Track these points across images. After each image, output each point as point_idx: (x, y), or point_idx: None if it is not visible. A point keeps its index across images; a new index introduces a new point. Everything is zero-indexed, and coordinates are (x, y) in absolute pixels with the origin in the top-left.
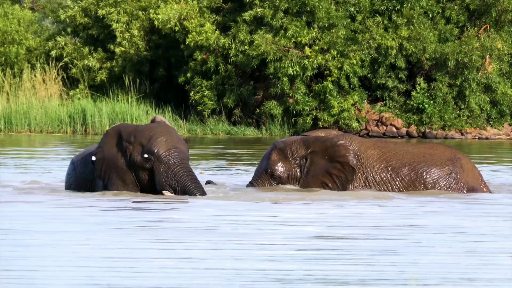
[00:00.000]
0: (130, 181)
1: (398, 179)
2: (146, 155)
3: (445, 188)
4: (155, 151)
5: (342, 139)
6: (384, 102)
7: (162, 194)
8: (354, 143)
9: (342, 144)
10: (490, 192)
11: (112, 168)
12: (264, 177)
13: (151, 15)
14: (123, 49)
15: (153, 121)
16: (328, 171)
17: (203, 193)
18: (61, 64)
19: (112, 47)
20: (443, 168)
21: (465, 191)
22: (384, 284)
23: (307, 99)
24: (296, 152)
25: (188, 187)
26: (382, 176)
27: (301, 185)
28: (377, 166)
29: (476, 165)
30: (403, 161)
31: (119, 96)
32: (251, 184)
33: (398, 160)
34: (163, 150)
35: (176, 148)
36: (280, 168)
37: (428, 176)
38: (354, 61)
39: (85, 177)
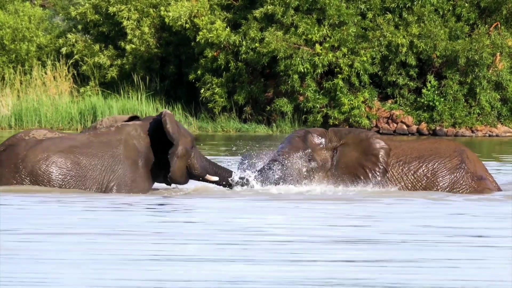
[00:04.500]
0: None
1: (409, 173)
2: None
3: (457, 179)
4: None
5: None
6: (395, 99)
7: (205, 180)
8: None
9: (377, 136)
10: (496, 183)
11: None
12: (300, 157)
13: (162, 12)
14: (133, 46)
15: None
16: (361, 163)
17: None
18: (71, 61)
19: (122, 44)
20: (452, 160)
21: (475, 180)
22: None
23: (317, 96)
24: (330, 143)
25: (222, 174)
26: (393, 171)
27: (332, 176)
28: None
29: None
30: (412, 156)
31: (130, 93)
32: (280, 163)
33: (407, 156)
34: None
35: None
36: (322, 154)
37: (439, 168)
38: (365, 58)
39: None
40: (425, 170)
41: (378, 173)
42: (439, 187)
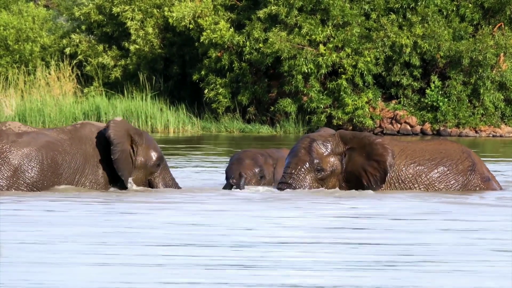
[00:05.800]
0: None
1: (423, 175)
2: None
3: (469, 180)
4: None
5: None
6: (399, 100)
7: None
8: None
9: (380, 142)
10: (498, 183)
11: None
12: (309, 170)
13: (166, 13)
14: (137, 46)
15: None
16: (364, 168)
17: None
18: (75, 61)
19: (126, 44)
20: (464, 162)
21: (483, 182)
22: None
23: (321, 96)
24: (337, 148)
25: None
26: (407, 174)
27: (342, 181)
28: (401, 164)
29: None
30: (425, 158)
31: (134, 94)
32: (290, 177)
33: (419, 157)
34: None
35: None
36: (330, 161)
37: (452, 170)
38: (369, 59)
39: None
40: (438, 172)
41: (378, 179)
42: (452, 189)
